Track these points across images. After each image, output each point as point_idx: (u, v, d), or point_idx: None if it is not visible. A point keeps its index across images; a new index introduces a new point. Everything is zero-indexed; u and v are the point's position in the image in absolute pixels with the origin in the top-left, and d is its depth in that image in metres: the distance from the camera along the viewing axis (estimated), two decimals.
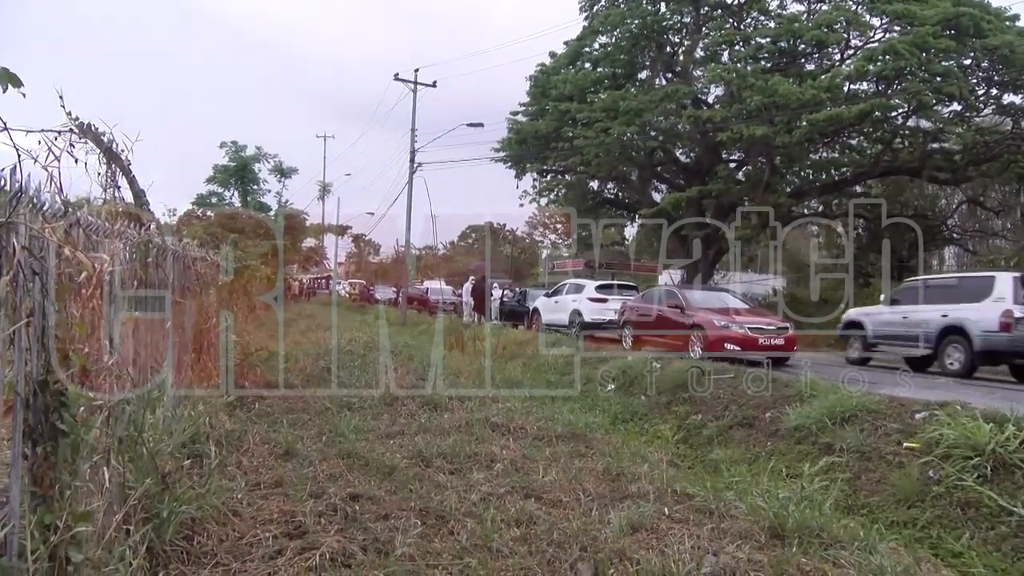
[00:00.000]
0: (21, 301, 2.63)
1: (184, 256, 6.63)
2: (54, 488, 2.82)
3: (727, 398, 10.45)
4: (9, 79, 2.43)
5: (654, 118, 27.72)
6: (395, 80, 33.07)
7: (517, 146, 33.13)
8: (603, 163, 29.46)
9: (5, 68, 2.43)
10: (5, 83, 2.42)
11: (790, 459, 8.03)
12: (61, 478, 2.84)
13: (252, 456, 6.49)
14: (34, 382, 2.74)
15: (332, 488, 5.60)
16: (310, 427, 7.99)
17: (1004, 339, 12.50)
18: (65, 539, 2.83)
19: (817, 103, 23.68)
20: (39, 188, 2.79)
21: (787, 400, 9.54)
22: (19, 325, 2.63)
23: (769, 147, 25.80)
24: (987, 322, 12.70)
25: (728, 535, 4.96)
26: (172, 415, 5.46)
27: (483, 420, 8.38)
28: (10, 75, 2.44)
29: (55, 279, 2.85)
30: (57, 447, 2.82)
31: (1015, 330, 12.39)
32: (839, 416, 8.35)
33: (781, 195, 26.89)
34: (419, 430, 7.95)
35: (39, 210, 2.76)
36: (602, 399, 12.16)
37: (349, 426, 7.89)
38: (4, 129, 2.49)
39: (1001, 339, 12.53)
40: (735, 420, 9.71)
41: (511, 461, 6.78)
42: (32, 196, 2.69)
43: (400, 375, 11.43)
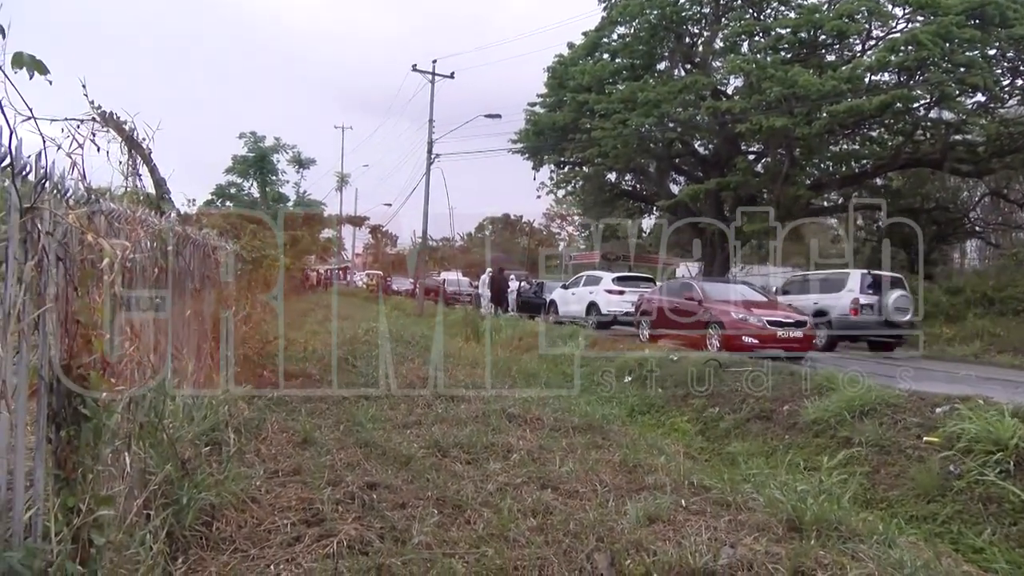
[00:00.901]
0: (45, 286, 2.66)
1: (204, 245, 6.67)
2: (77, 472, 2.85)
3: (744, 391, 10.41)
4: (35, 66, 2.45)
5: (672, 109, 27.53)
6: (413, 71, 33.13)
7: (534, 138, 33.05)
8: (621, 155, 29.33)
9: (32, 55, 2.44)
10: (32, 70, 2.43)
11: (808, 452, 7.98)
12: (84, 462, 2.88)
13: (270, 444, 6.53)
14: (58, 367, 2.77)
15: (349, 476, 5.63)
16: (327, 416, 8.03)
17: (854, 320, 16.72)
18: (88, 522, 2.87)
19: (837, 94, 23.40)
20: (63, 175, 2.81)
21: (805, 393, 9.48)
22: (44, 310, 2.66)
23: (788, 139, 25.53)
24: (841, 307, 16.89)
25: (745, 527, 4.93)
26: (192, 403, 5.50)
27: (499, 411, 8.39)
28: (36, 62, 2.45)
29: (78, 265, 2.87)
30: (80, 431, 2.85)
31: (862, 314, 16.64)
32: (858, 409, 8.29)
33: (801, 187, 26.69)
34: (435, 420, 7.97)
35: (63, 196, 2.78)
36: (619, 391, 12.15)
37: (366, 416, 7.92)
38: (30, 118, 2.51)
39: (852, 320, 16.74)
40: (752, 413, 9.67)
41: (527, 452, 6.78)
42: (56, 183, 2.72)
43: (416, 366, 11.47)
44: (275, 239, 13.63)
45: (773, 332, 13.77)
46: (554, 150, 33.10)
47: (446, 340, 16.53)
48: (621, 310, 19.62)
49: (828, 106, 23.57)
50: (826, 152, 27.83)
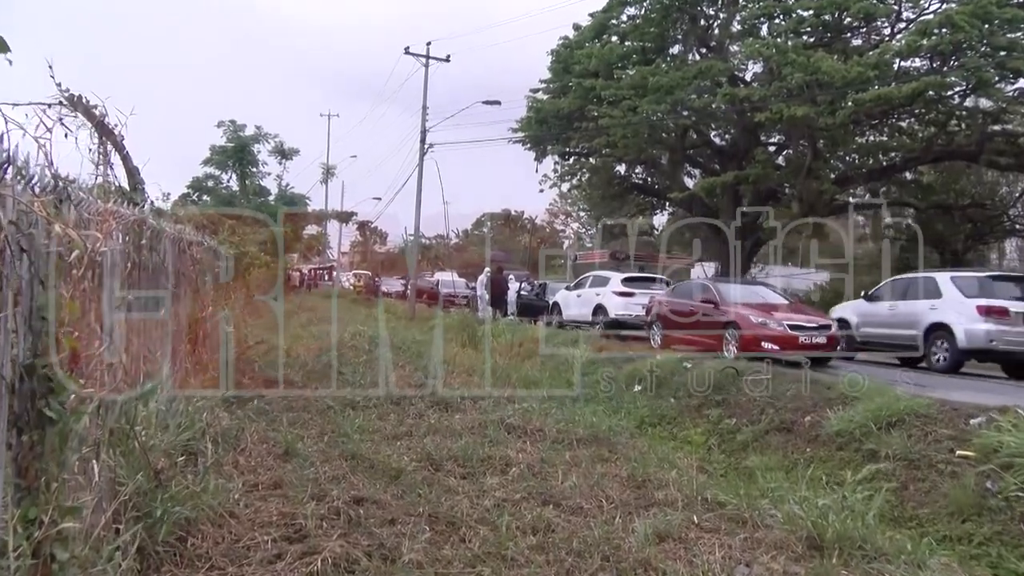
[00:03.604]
0: (8, 280, 2.67)
1: (180, 240, 6.70)
2: (40, 480, 2.86)
3: (763, 401, 10.43)
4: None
5: (686, 96, 27.58)
6: (405, 54, 33.10)
7: (537, 126, 33.08)
8: (630, 145, 29.37)
9: None
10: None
11: (831, 466, 8.00)
12: (47, 469, 2.89)
13: (250, 455, 6.56)
14: (20, 366, 2.79)
15: (335, 491, 5.66)
16: (311, 426, 8.08)
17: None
18: (50, 535, 2.87)
19: (864, 81, 23.36)
20: (27, 160, 2.83)
21: (828, 403, 9.50)
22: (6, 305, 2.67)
23: (811, 129, 25.57)
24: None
25: (762, 545, 4.95)
26: (167, 409, 5.53)
27: (497, 421, 8.43)
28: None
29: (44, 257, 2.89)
30: (44, 436, 2.86)
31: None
32: (885, 421, 8.30)
33: (825, 182, 26.71)
34: (428, 431, 8.02)
35: (28, 183, 2.80)
36: (627, 401, 12.17)
37: (353, 426, 7.97)
38: None
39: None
40: (772, 424, 9.69)
41: (528, 465, 6.82)
42: (20, 168, 2.74)
43: (408, 372, 11.50)
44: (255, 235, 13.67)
45: (795, 337, 13.76)
46: (558, 140, 33.12)
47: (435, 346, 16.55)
48: (630, 313, 19.60)
49: (854, 94, 23.56)
50: (852, 144, 27.91)
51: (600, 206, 41.63)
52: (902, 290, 15.78)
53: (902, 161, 28.35)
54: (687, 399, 11.61)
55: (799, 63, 24.03)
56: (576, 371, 14.38)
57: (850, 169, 29.16)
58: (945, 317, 14.07)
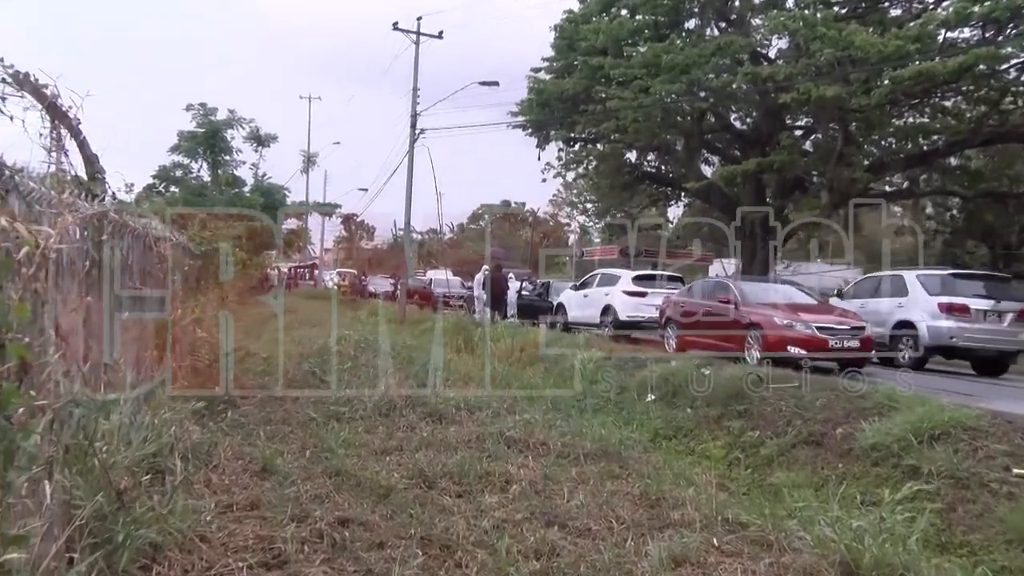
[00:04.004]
0: None
1: (145, 235, 6.68)
2: None
3: (790, 411, 10.43)
4: None
5: (704, 75, 27.51)
6: (394, 30, 33.10)
7: (539, 109, 33.06)
8: (642, 129, 29.35)
9: None
10: None
11: (866, 484, 7.98)
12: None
13: (223, 473, 6.53)
14: None
15: (317, 511, 5.64)
16: (292, 440, 8.06)
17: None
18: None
19: (903, 56, 23.04)
20: None
21: (862, 413, 9.48)
22: None
23: (843, 111, 25.46)
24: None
25: (790, 571, 4.93)
26: (131, 422, 5.50)
27: (497, 434, 8.41)
28: None
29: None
30: None
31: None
32: (927, 433, 8.27)
33: (857, 169, 26.58)
34: (421, 445, 8.00)
35: None
36: (640, 411, 12.15)
37: (338, 440, 7.94)
38: None
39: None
40: (800, 437, 9.69)
41: (530, 482, 6.80)
42: None
43: (398, 381, 11.47)
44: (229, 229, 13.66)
45: (824, 340, 13.74)
46: (562, 124, 33.09)
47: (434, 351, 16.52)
48: (642, 315, 19.60)
49: (891, 71, 23.33)
50: (888, 127, 27.77)
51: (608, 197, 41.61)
52: (872, 288, 17.28)
53: (946, 145, 28.08)
54: (705, 409, 11.60)
55: (829, 37, 23.92)
56: (583, 378, 14.35)
57: (886, 155, 29.04)
58: (910, 315, 15.62)
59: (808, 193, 29.58)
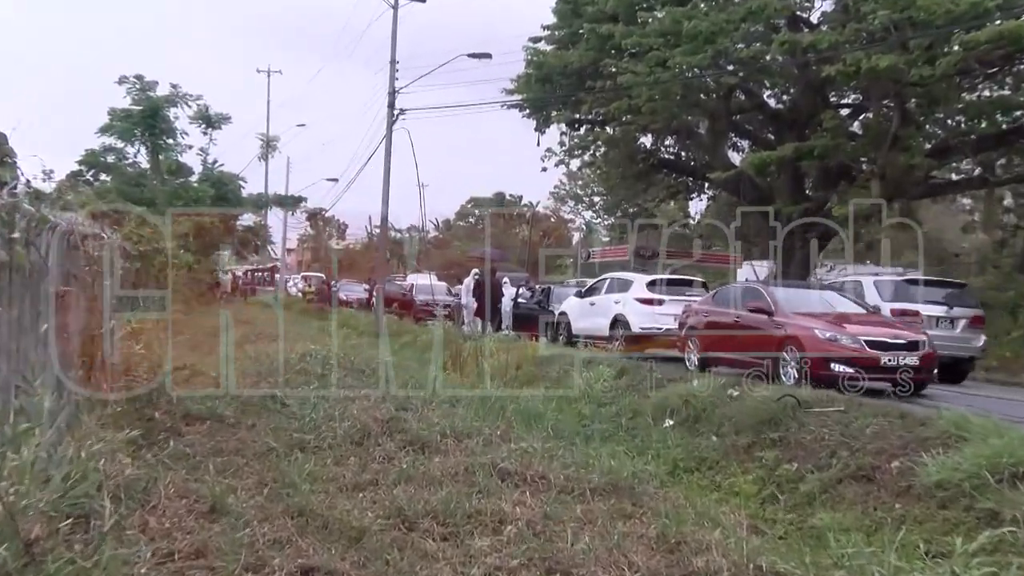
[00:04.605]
0: None
1: (70, 232, 6.64)
2: None
3: (835, 440, 10.40)
4: None
5: (732, 45, 27.61)
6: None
7: (538, 86, 33.17)
8: (659, 109, 29.43)
9: None
10: None
11: (931, 530, 7.91)
12: None
13: (163, 514, 6.48)
14: None
15: (276, 559, 5.61)
16: (246, 474, 8.03)
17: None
18: None
19: (978, 16, 22.38)
20: None
21: (924, 444, 9.42)
22: None
23: (899, 84, 25.14)
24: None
25: None
26: (49, 456, 5.44)
27: (489, 465, 8.41)
28: None
29: None
30: None
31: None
32: (1007, 470, 8.18)
33: (915, 153, 26.17)
34: (399, 479, 7.99)
35: None
36: (656, 439, 12.15)
37: (301, 473, 7.93)
38: None
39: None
40: (847, 471, 9.64)
41: (527, 523, 6.79)
42: None
43: (373, 403, 11.46)
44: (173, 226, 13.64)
45: (875, 357, 13.71)
46: (565, 103, 33.18)
47: (416, 369, 16.51)
48: (659, 326, 19.59)
49: (962, 34, 22.77)
50: (956, 103, 26.98)
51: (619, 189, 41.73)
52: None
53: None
54: (733, 437, 11.60)
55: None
56: (589, 400, 14.32)
57: (953, 136, 28.77)
58: None
59: (856, 183, 29.44)
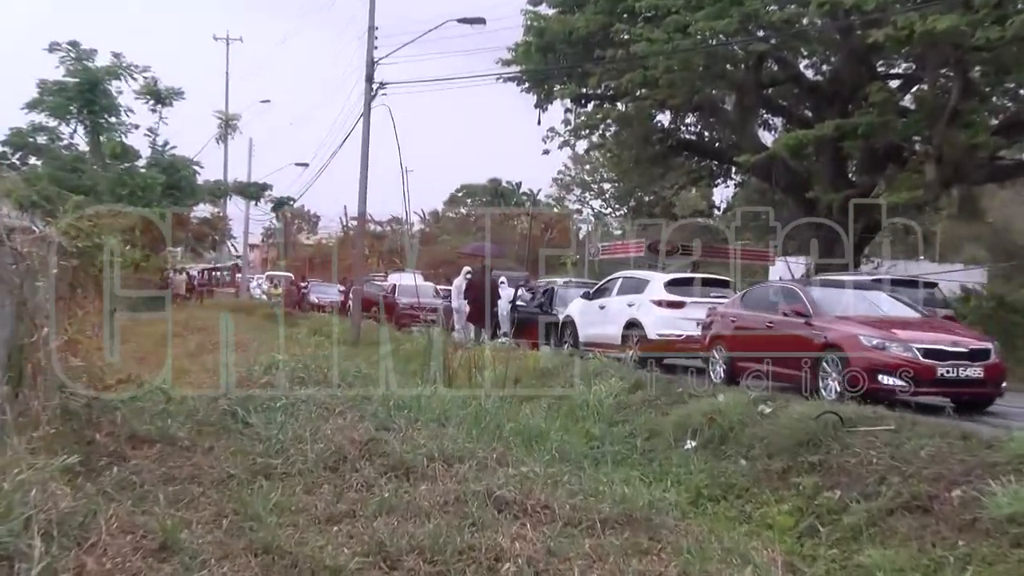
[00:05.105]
0: None
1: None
2: None
3: (884, 464, 10.42)
4: None
5: (763, 7, 27.60)
6: None
7: (539, 56, 33.15)
8: (679, 82, 29.45)
9: None
10: None
11: (1003, 573, 7.91)
12: None
13: (104, 554, 6.45)
14: None
15: None
16: (203, 505, 8.01)
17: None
18: None
19: None
20: None
21: (991, 470, 9.42)
22: None
23: (961, 50, 24.78)
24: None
25: None
26: None
27: (483, 494, 8.37)
28: None
29: None
30: None
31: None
32: None
33: (979, 131, 25.84)
34: (380, 510, 7.96)
35: None
36: (676, 463, 12.17)
37: (266, 504, 7.90)
38: None
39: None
40: (899, 500, 9.63)
41: (528, 560, 6.79)
42: None
43: (349, 422, 11.46)
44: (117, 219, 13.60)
45: (931, 367, 13.70)
46: (571, 76, 33.15)
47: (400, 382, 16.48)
48: (680, 332, 19.60)
49: None
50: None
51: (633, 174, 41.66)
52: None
53: None
54: (766, 460, 11.64)
55: None
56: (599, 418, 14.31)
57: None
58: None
59: (907, 167, 29.33)
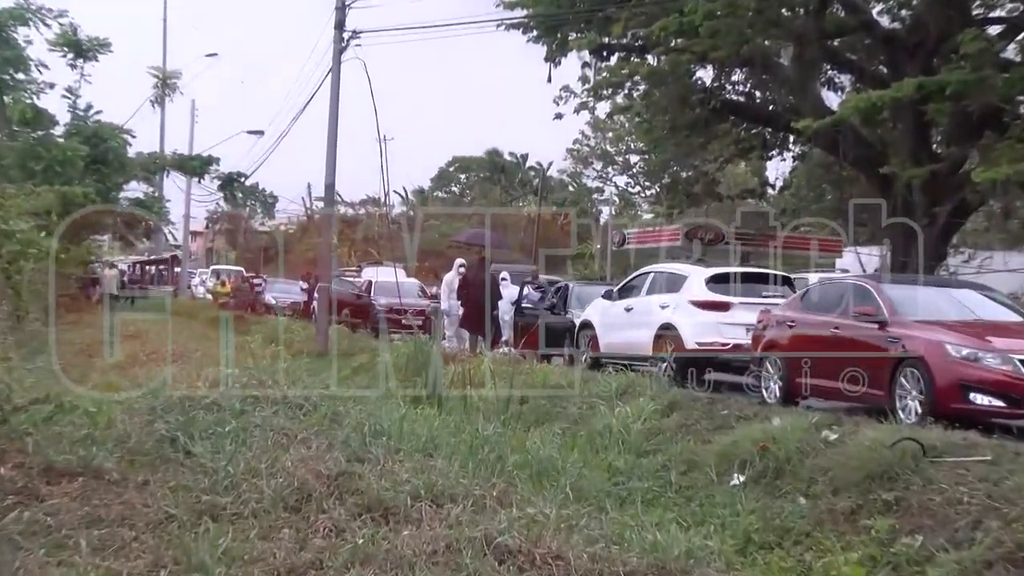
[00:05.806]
0: None
1: None
2: None
3: (979, 504, 10.42)
4: None
5: None
6: None
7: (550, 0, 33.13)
8: (724, 31, 29.39)
9: None
10: None
11: None
12: None
13: None
14: None
15: None
16: (136, 553, 8.03)
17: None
18: None
19: None
20: None
21: None
22: None
23: None
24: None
25: None
26: None
27: (480, 541, 8.37)
28: None
29: None
30: None
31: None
32: None
33: None
34: (353, 560, 7.97)
35: None
36: (720, 502, 12.20)
37: (214, 551, 7.92)
38: None
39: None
40: (998, 551, 9.59)
41: None
42: None
43: (315, 451, 11.48)
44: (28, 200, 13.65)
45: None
46: (590, 22, 33.15)
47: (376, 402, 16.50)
48: (724, 340, 19.57)
49: None
50: None
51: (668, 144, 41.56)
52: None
53: None
54: (830, 498, 11.62)
55: None
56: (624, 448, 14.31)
57: None
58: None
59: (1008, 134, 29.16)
